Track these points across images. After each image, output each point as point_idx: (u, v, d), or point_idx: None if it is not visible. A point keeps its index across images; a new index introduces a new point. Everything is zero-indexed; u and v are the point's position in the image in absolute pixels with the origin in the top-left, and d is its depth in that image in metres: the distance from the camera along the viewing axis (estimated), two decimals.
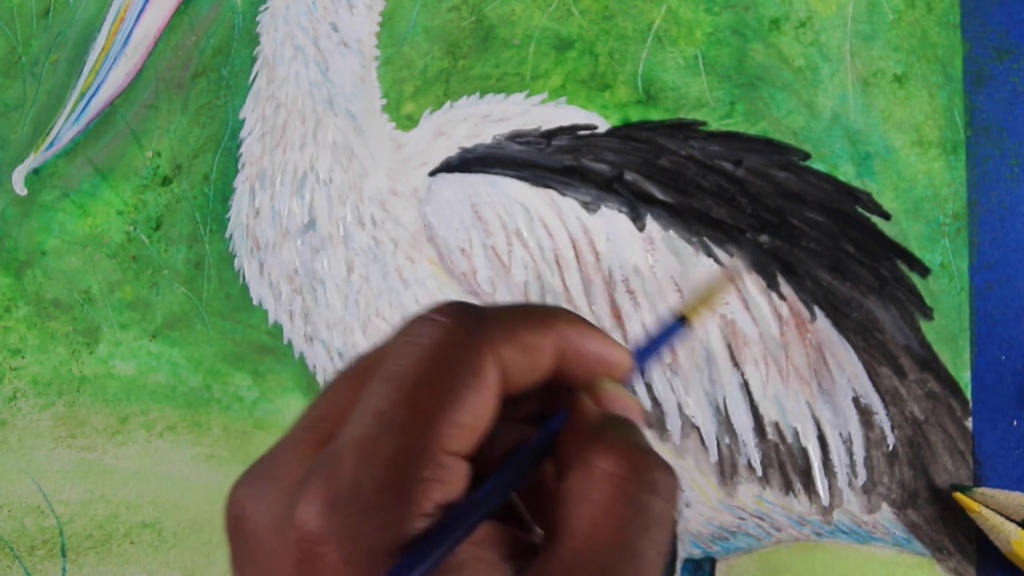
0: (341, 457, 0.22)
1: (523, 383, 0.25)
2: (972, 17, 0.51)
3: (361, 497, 0.22)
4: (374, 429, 0.22)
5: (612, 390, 0.26)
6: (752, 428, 0.49)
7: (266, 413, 0.57)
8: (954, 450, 0.48)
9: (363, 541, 0.21)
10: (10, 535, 0.59)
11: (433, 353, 0.24)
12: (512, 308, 0.26)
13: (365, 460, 0.22)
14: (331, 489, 0.22)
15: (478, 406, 0.23)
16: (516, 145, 0.54)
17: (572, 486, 0.24)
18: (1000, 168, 0.50)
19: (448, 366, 0.23)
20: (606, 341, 0.27)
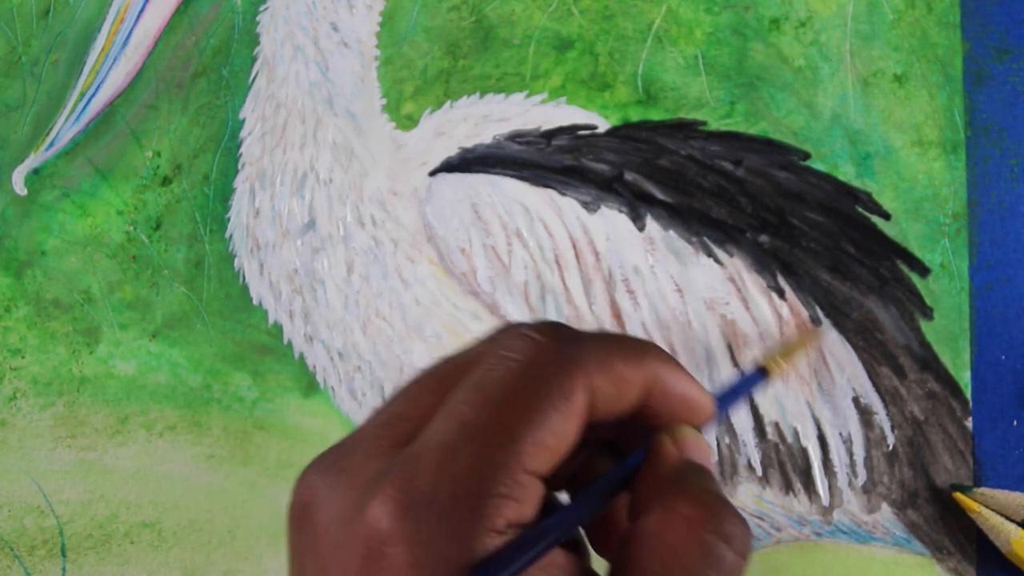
0: (420, 460, 0.22)
1: (608, 413, 0.25)
2: (972, 17, 0.51)
3: (436, 504, 0.22)
4: (457, 437, 0.22)
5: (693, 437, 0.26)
6: (752, 428, 0.49)
7: (266, 413, 0.57)
8: (954, 450, 0.48)
9: (432, 548, 0.21)
10: (10, 535, 0.59)
11: (525, 370, 0.24)
12: (608, 337, 0.26)
13: (444, 467, 0.22)
14: (407, 491, 0.22)
15: (563, 429, 0.23)
16: (516, 145, 0.54)
17: (648, 526, 0.24)
18: (1000, 168, 0.50)
19: (539, 385, 0.23)
20: (693, 384, 0.27)
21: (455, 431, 0.22)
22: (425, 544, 0.21)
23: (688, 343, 0.50)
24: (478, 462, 0.22)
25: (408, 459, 0.22)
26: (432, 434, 0.23)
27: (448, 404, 0.23)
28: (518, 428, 0.23)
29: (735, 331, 0.50)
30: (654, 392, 0.26)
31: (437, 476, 0.22)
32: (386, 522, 0.21)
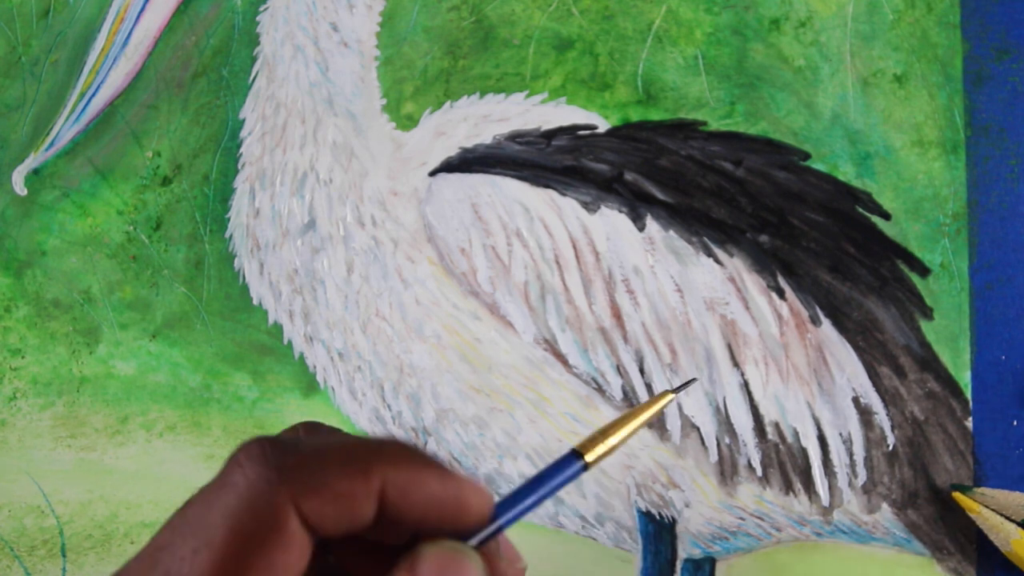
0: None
1: (342, 529, 0.23)
2: (972, 17, 0.51)
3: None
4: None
5: (438, 558, 0.23)
6: (752, 428, 0.49)
7: (266, 413, 0.57)
8: (954, 450, 0.48)
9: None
10: (10, 535, 0.59)
11: (230, 508, 0.23)
12: (325, 451, 0.24)
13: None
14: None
15: (277, 565, 0.22)
16: (516, 145, 0.54)
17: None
18: (1000, 168, 0.50)
19: (244, 523, 0.22)
20: (447, 484, 0.24)
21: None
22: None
23: (688, 343, 0.50)
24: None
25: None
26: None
27: (174, 562, 0.23)
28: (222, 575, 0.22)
29: (735, 331, 0.50)
30: (391, 500, 0.23)
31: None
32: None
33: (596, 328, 0.51)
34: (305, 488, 0.23)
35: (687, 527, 0.51)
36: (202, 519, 0.23)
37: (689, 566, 0.51)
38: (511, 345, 0.52)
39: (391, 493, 0.23)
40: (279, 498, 0.22)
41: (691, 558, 0.51)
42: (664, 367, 0.50)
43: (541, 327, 0.52)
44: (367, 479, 0.23)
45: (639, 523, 0.51)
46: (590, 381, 0.51)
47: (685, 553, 0.51)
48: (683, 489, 0.50)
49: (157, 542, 0.23)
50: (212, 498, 0.23)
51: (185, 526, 0.23)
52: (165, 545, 0.23)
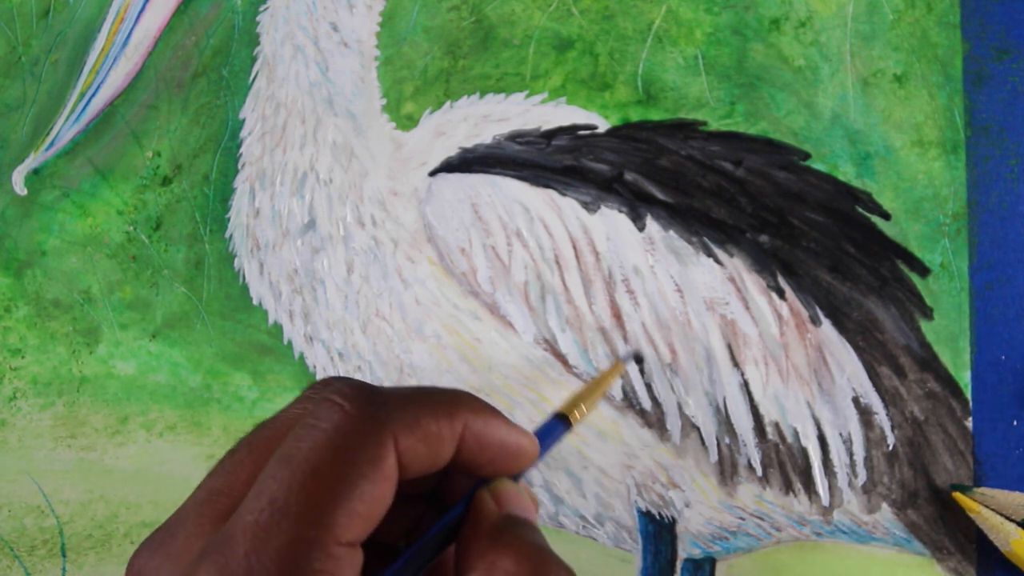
0: (234, 542, 0.22)
1: (422, 470, 0.25)
2: (972, 17, 0.51)
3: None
4: (267, 516, 0.22)
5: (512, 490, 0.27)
6: (752, 428, 0.49)
7: (266, 413, 0.57)
8: (954, 450, 0.48)
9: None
10: (10, 535, 0.59)
11: (332, 440, 0.24)
12: (415, 395, 0.26)
13: (257, 548, 0.22)
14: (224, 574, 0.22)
15: (375, 496, 0.23)
16: (516, 145, 0.54)
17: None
18: (1000, 168, 0.50)
19: (346, 454, 0.23)
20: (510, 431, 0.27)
21: (266, 509, 0.22)
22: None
23: (688, 343, 0.50)
24: (290, 541, 0.22)
25: (223, 540, 0.22)
26: (245, 512, 0.23)
27: (259, 480, 0.23)
28: (328, 501, 0.23)
29: (735, 331, 0.50)
30: (468, 444, 0.26)
31: (250, 557, 0.22)
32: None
33: (596, 328, 0.51)
34: (402, 427, 0.24)
35: (687, 527, 0.51)
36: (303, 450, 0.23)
37: (689, 566, 0.51)
38: (511, 345, 0.52)
39: (468, 437, 0.26)
40: (382, 434, 0.24)
41: (691, 558, 0.51)
42: (664, 367, 0.50)
43: (541, 327, 0.52)
44: (452, 422, 0.25)
45: (639, 523, 0.51)
46: (590, 381, 0.51)
47: (685, 553, 0.51)
48: (683, 489, 0.50)
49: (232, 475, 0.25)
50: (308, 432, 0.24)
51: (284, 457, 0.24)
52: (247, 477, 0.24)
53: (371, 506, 0.23)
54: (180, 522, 0.25)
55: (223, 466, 0.26)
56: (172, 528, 0.25)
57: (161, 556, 0.24)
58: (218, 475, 0.26)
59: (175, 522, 0.25)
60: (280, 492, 0.23)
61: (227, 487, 0.25)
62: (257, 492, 0.23)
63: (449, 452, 0.25)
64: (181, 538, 0.24)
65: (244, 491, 0.24)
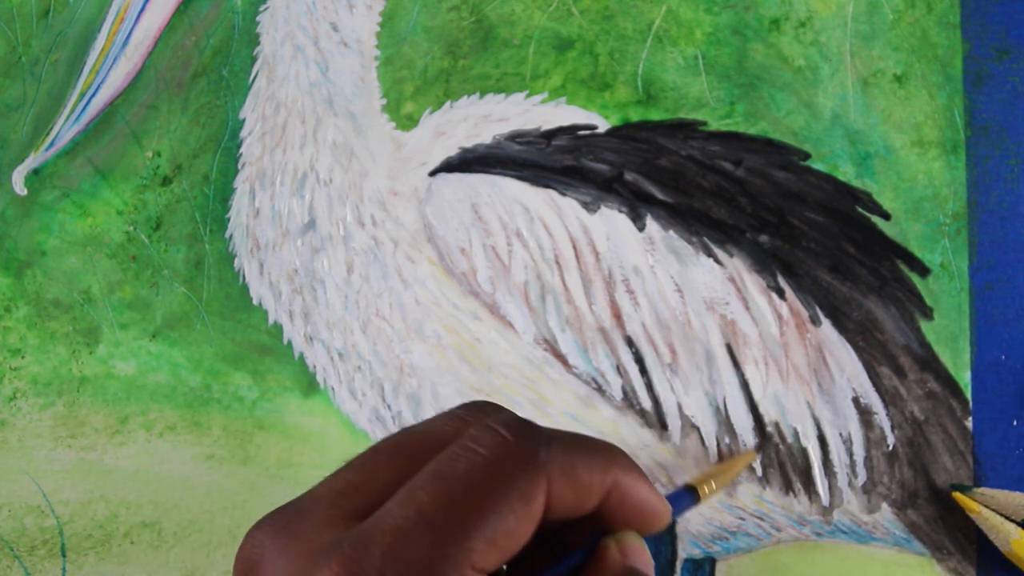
0: (372, 542, 0.22)
1: (564, 516, 0.25)
2: (972, 17, 0.51)
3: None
4: (412, 524, 0.22)
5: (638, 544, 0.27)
6: (752, 428, 0.49)
7: (266, 413, 0.57)
8: (954, 450, 0.48)
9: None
10: (10, 535, 0.59)
11: (490, 466, 0.24)
12: (574, 441, 0.26)
13: (395, 554, 0.22)
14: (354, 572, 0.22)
15: (517, 531, 0.23)
16: (516, 145, 0.54)
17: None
18: (1000, 168, 0.50)
19: (501, 485, 0.23)
20: (652, 493, 0.27)
21: (411, 518, 0.22)
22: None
23: (688, 343, 0.50)
24: (429, 554, 0.22)
25: (360, 537, 0.22)
26: (387, 515, 0.23)
27: (408, 487, 0.23)
28: (474, 525, 0.23)
29: (735, 331, 0.50)
30: (612, 498, 0.26)
31: (386, 562, 0.22)
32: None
33: (596, 328, 0.51)
34: (559, 472, 0.24)
35: (687, 527, 0.51)
36: (458, 468, 0.23)
37: (689, 566, 0.51)
38: (511, 345, 0.52)
39: (613, 492, 0.26)
40: (539, 474, 0.24)
41: (691, 558, 0.51)
42: (664, 367, 0.50)
43: (541, 327, 0.52)
44: (604, 476, 0.25)
45: None
46: (590, 381, 0.51)
47: (685, 553, 0.51)
48: None
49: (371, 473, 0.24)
50: (464, 451, 0.24)
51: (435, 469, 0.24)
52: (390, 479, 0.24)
53: (512, 540, 0.23)
54: (312, 507, 0.24)
55: (363, 463, 0.25)
56: (302, 511, 0.24)
57: (287, 536, 0.24)
58: (357, 470, 0.25)
59: (307, 506, 0.24)
60: (429, 504, 0.23)
61: (366, 485, 0.24)
62: (405, 499, 0.23)
63: (594, 503, 0.25)
64: (311, 524, 0.24)
65: (382, 492, 0.24)
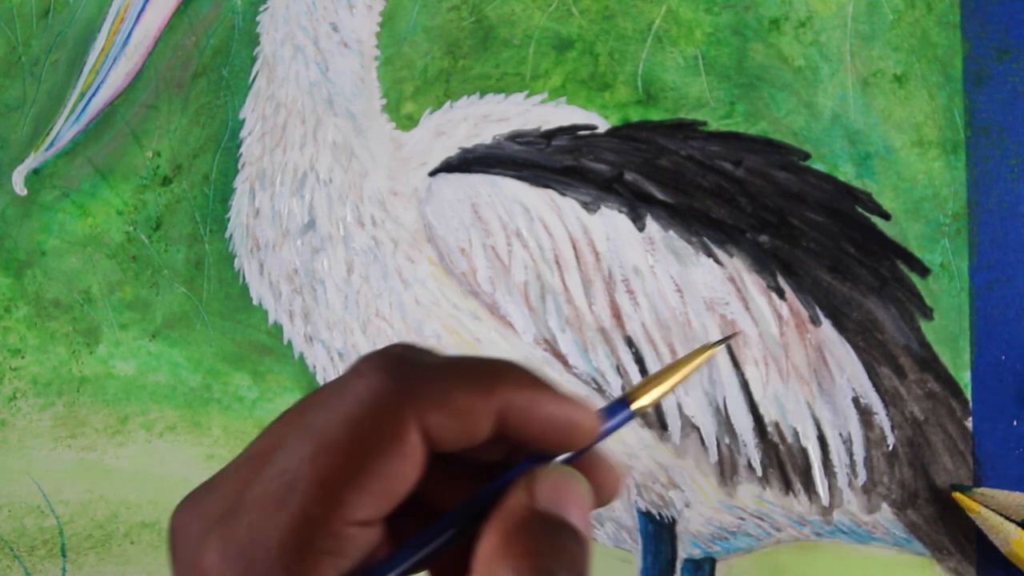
0: (241, 512, 0.22)
1: (458, 445, 0.23)
2: (972, 17, 0.51)
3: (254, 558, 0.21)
4: (276, 488, 0.22)
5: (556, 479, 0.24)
6: (752, 428, 0.49)
7: (266, 413, 0.57)
8: (954, 450, 0.48)
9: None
10: (10, 535, 0.59)
11: (350, 414, 0.22)
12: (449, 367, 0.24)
13: (262, 521, 0.21)
14: (231, 542, 0.21)
15: (391, 474, 0.22)
16: (516, 145, 0.54)
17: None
18: (1000, 168, 0.50)
19: (363, 430, 0.22)
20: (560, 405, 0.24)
21: (275, 480, 0.22)
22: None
23: (688, 343, 0.50)
24: (295, 516, 0.21)
25: (233, 508, 0.22)
26: (257, 482, 0.22)
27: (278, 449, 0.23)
28: (340, 478, 0.22)
29: (735, 331, 0.50)
30: (511, 420, 0.23)
31: (254, 529, 0.21)
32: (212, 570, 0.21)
33: (596, 328, 0.51)
34: (429, 402, 0.23)
35: (687, 527, 0.51)
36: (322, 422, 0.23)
37: (689, 566, 0.51)
38: (511, 345, 0.52)
39: (509, 413, 0.23)
40: (404, 410, 0.22)
41: (691, 558, 0.51)
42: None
43: (541, 327, 0.52)
44: (488, 397, 0.23)
45: (639, 523, 0.51)
46: (590, 381, 0.51)
47: (685, 553, 0.51)
48: (683, 489, 0.50)
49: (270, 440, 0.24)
50: (332, 403, 0.23)
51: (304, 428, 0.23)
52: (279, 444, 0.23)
53: (389, 484, 0.22)
54: (219, 481, 0.24)
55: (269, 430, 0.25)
56: (211, 485, 0.24)
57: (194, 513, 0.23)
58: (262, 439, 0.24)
59: (216, 480, 0.24)
60: (291, 464, 0.22)
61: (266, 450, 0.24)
62: (272, 462, 0.22)
63: (485, 428, 0.23)
64: (216, 495, 0.23)
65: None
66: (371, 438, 0.22)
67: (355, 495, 0.22)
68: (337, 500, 0.21)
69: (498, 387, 0.23)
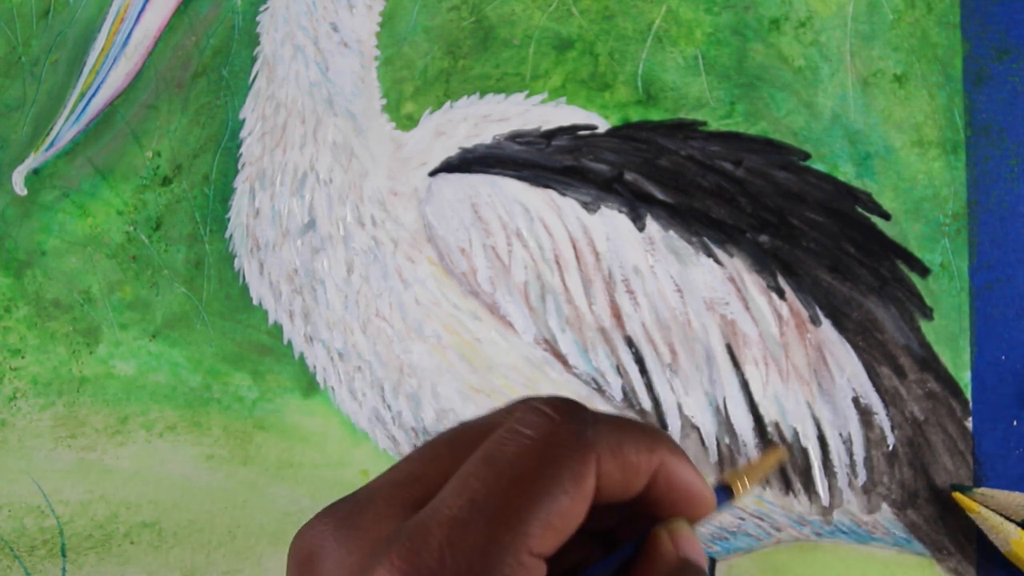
0: (430, 532, 0.22)
1: (612, 498, 0.25)
2: (972, 17, 0.51)
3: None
4: (466, 513, 0.22)
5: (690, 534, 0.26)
6: (752, 428, 0.49)
7: (266, 413, 0.57)
8: (954, 450, 0.48)
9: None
10: (10, 535, 0.59)
11: (538, 448, 0.23)
12: (622, 422, 0.25)
13: (452, 543, 0.22)
14: (413, 563, 0.22)
15: (571, 511, 0.23)
16: (516, 145, 0.54)
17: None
18: (1000, 168, 0.50)
19: (551, 465, 0.23)
20: (698, 477, 0.26)
21: (465, 506, 0.22)
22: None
23: (688, 343, 0.50)
24: (485, 541, 0.22)
25: (418, 528, 0.22)
26: (443, 505, 0.23)
27: (459, 475, 0.23)
28: (528, 509, 0.22)
29: (735, 331, 0.50)
30: (659, 482, 0.25)
31: (443, 552, 0.22)
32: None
33: (596, 328, 0.51)
34: (607, 450, 0.24)
35: None
36: (501, 452, 0.23)
37: None
38: (511, 345, 0.52)
39: (660, 474, 0.25)
40: (588, 453, 0.24)
41: None
42: (664, 367, 0.50)
43: (541, 327, 0.52)
44: (651, 456, 0.25)
45: None
46: (590, 381, 0.51)
47: None
48: None
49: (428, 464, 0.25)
50: (510, 436, 0.24)
51: (485, 455, 0.24)
52: (446, 468, 0.24)
53: (566, 522, 0.23)
54: (371, 500, 0.24)
55: (422, 454, 0.25)
56: (361, 503, 0.24)
57: (347, 527, 0.24)
58: (415, 462, 0.25)
59: (364, 498, 0.24)
60: (481, 491, 0.23)
61: (424, 476, 0.24)
62: (458, 488, 0.23)
63: (641, 484, 0.25)
64: (370, 515, 0.24)
65: (439, 482, 0.24)
66: (558, 474, 0.23)
67: (540, 528, 0.22)
68: (525, 530, 0.22)
69: (659, 448, 0.25)
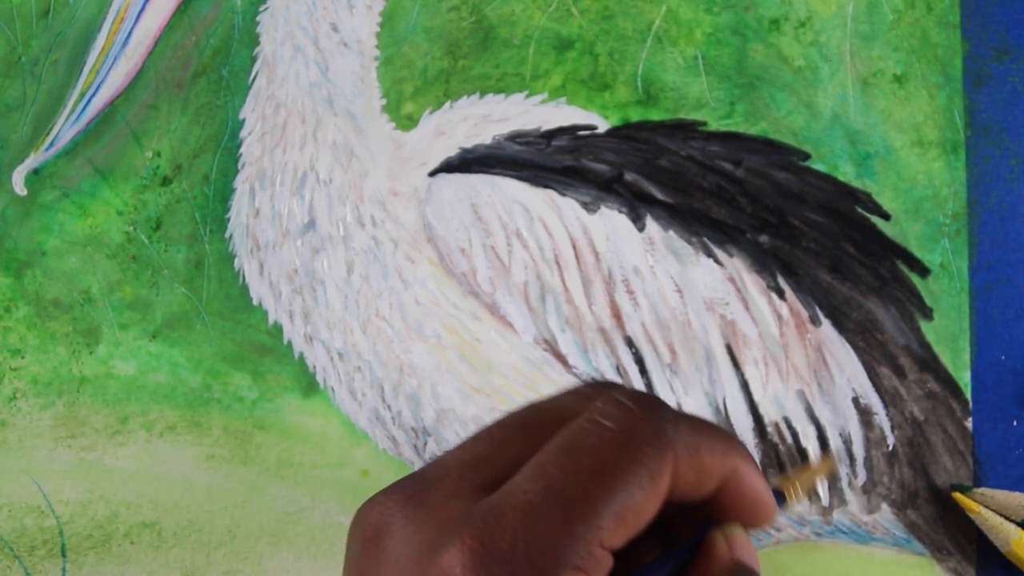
0: (504, 516, 0.22)
1: (682, 498, 0.24)
2: (972, 17, 0.51)
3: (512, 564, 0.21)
4: (541, 499, 0.22)
5: (746, 539, 0.26)
6: (752, 428, 0.49)
7: (266, 413, 0.57)
8: (954, 450, 0.48)
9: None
10: (10, 535, 0.59)
11: (619, 441, 0.23)
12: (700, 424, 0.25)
13: (525, 529, 0.22)
14: (485, 545, 0.22)
15: (644, 508, 0.23)
16: (516, 145, 0.54)
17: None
18: (1000, 168, 0.50)
19: (630, 459, 0.23)
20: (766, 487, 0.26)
21: (541, 493, 0.22)
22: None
23: (688, 343, 0.50)
24: (558, 529, 0.22)
25: (492, 511, 0.22)
26: (518, 490, 0.23)
27: (536, 461, 0.23)
28: (603, 501, 0.22)
29: (735, 331, 0.50)
30: (729, 486, 0.25)
31: (517, 536, 0.22)
32: (459, 571, 0.21)
33: (596, 328, 0.51)
34: (684, 450, 0.24)
35: None
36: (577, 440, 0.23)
37: None
38: (511, 345, 0.52)
39: (731, 481, 0.25)
40: (667, 451, 0.23)
41: None
42: (664, 367, 0.50)
43: (541, 327, 0.52)
44: (725, 460, 0.25)
45: None
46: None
47: None
48: None
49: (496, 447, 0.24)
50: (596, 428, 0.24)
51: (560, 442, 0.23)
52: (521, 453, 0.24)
53: (638, 518, 0.23)
54: (441, 478, 0.24)
55: (491, 435, 0.25)
56: (430, 482, 0.24)
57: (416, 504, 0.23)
58: (485, 443, 0.25)
59: (435, 476, 0.24)
60: (558, 479, 0.22)
61: (494, 458, 0.24)
62: (534, 474, 0.23)
63: (712, 488, 0.25)
64: (440, 494, 0.24)
65: (509, 466, 0.24)
66: (636, 470, 0.23)
67: (613, 521, 0.22)
68: (598, 521, 0.22)
69: (733, 454, 0.25)
